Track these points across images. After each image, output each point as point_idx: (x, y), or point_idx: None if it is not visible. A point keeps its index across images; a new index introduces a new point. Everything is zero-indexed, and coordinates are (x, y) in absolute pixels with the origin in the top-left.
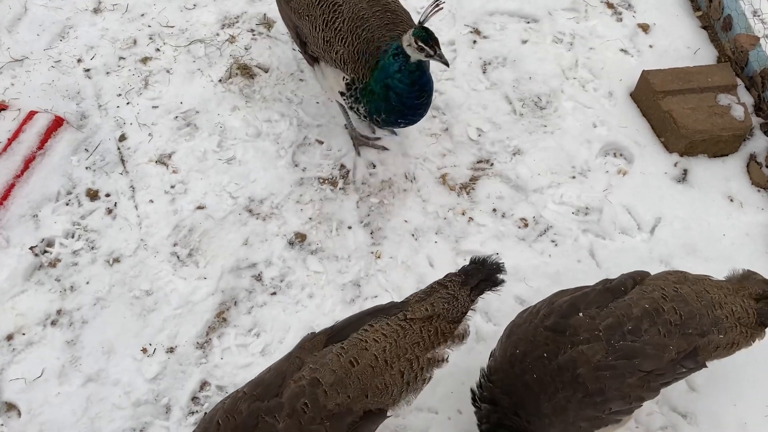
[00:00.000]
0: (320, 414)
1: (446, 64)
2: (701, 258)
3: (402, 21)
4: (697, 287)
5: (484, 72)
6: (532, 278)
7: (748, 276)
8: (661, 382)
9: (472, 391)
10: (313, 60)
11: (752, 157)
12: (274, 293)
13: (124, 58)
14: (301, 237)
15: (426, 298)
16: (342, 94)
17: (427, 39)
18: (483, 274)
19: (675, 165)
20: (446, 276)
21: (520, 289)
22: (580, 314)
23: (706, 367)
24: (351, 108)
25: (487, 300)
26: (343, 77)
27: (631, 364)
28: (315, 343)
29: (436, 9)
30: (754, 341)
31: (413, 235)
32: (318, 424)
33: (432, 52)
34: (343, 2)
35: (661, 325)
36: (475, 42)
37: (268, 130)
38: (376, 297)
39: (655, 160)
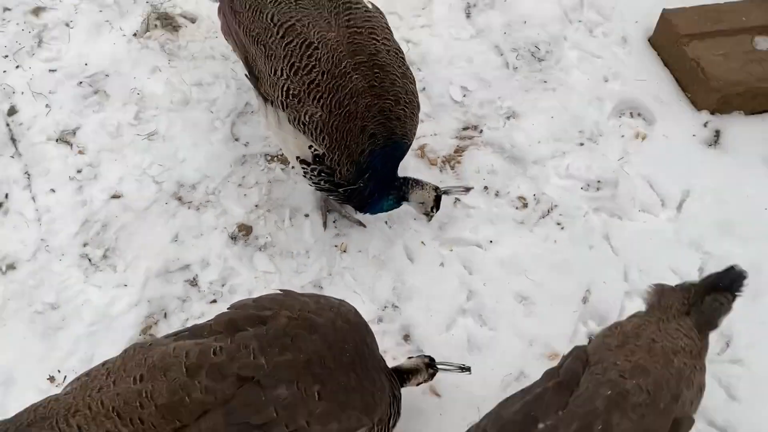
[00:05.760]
0: None
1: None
2: (739, 237)
3: (392, 80)
4: (642, 341)
5: (468, 16)
6: (534, 270)
7: (660, 292)
8: None
9: None
10: (266, 99)
11: None
12: (215, 301)
13: (9, 10)
14: (245, 229)
15: None
16: (302, 161)
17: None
18: None
19: (705, 125)
20: None
21: (520, 283)
22: (540, 425)
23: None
24: (309, 178)
25: (480, 299)
26: (311, 146)
27: None
28: None
29: (463, 192)
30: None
31: (386, 222)
32: None
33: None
34: (318, 44)
35: (632, 411)
36: None
37: (199, 95)
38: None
39: (680, 120)
